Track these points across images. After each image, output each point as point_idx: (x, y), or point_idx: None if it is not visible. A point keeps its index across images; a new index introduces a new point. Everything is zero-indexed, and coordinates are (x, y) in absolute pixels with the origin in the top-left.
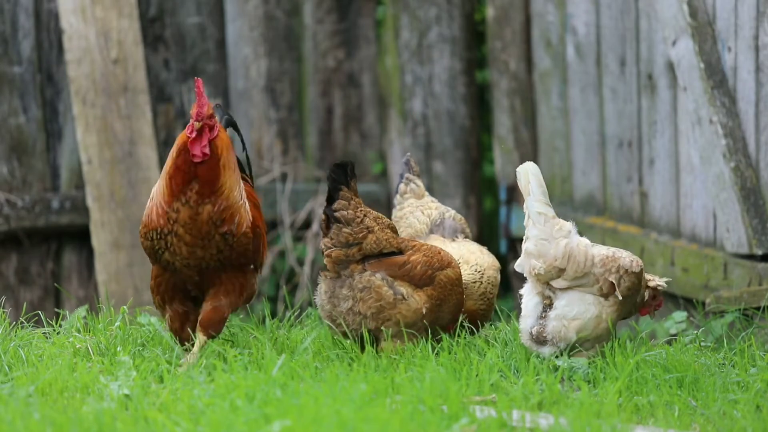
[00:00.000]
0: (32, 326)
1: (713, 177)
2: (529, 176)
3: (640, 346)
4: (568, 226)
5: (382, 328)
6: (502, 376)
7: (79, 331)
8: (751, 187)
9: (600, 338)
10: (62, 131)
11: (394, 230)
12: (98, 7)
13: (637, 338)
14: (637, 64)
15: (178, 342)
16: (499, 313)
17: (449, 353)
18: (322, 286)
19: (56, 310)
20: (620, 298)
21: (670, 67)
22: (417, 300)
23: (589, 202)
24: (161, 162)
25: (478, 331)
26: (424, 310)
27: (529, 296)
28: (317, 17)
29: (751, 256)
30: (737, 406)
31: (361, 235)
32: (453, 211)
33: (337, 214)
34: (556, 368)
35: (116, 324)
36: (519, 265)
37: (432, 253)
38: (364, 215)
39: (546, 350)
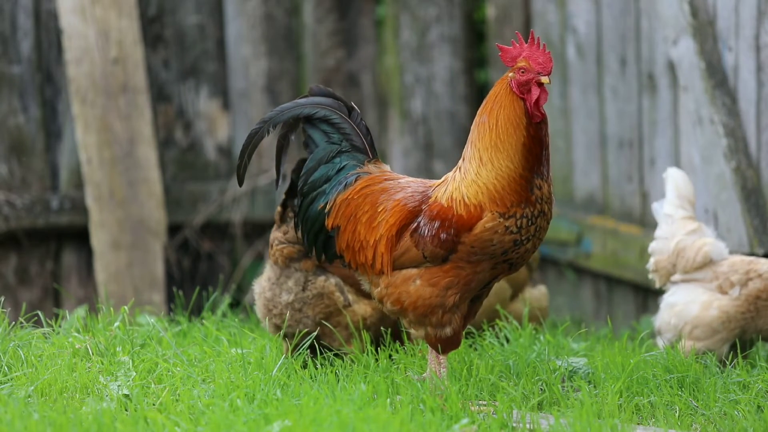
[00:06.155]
0: (31, 326)
1: (714, 177)
2: (667, 180)
3: (640, 345)
4: (692, 225)
5: (333, 328)
6: (502, 376)
7: (78, 332)
8: (751, 188)
9: (714, 330)
10: (62, 131)
11: None
12: (98, 7)
13: (638, 338)
14: (638, 64)
15: (443, 349)
16: (506, 315)
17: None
18: (268, 272)
19: (55, 310)
20: (735, 294)
21: (671, 67)
22: (363, 308)
23: (590, 201)
24: (161, 162)
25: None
26: (368, 321)
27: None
28: (317, 17)
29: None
30: (738, 407)
31: None
32: None
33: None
34: (555, 368)
35: (116, 324)
36: (648, 265)
37: None
38: None
39: (661, 342)
